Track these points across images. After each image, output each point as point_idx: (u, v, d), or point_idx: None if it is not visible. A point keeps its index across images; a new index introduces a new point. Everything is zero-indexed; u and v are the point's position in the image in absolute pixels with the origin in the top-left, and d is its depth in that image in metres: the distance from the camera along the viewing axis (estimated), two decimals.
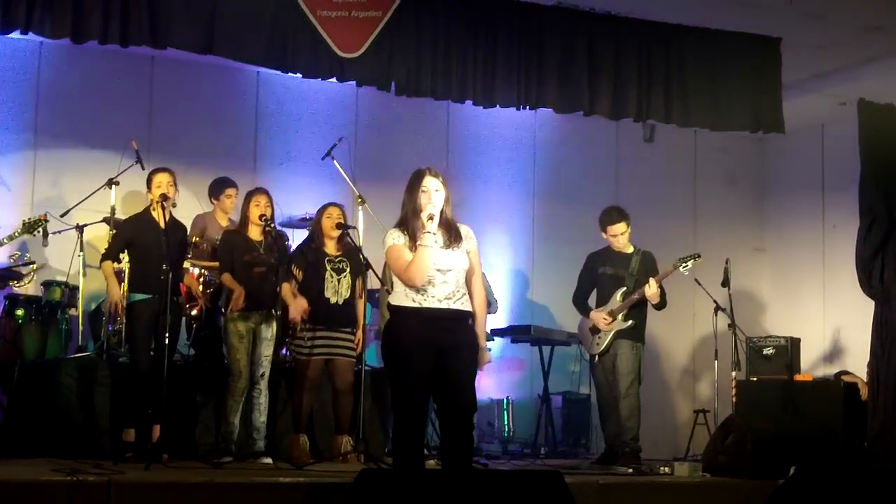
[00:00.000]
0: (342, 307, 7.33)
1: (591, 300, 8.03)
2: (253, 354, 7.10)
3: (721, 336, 8.54)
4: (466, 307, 5.30)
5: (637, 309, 7.80)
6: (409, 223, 5.29)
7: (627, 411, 7.67)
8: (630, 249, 7.97)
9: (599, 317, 7.84)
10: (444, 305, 5.22)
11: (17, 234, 7.65)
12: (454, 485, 4.68)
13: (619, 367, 7.74)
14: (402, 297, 5.24)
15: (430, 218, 5.19)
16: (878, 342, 7.94)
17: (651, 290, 7.68)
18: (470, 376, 5.28)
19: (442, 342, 5.19)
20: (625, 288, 7.83)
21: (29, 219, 7.67)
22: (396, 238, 5.29)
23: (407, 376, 5.18)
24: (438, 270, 5.22)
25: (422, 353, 5.16)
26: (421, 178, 5.31)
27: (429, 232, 5.17)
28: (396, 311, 5.27)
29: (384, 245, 5.34)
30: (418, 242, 5.20)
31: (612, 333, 7.79)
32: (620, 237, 7.89)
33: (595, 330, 7.89)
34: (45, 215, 7.67)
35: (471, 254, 5.37)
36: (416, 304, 5.21)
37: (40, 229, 7.61)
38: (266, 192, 7.26)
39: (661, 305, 7.87)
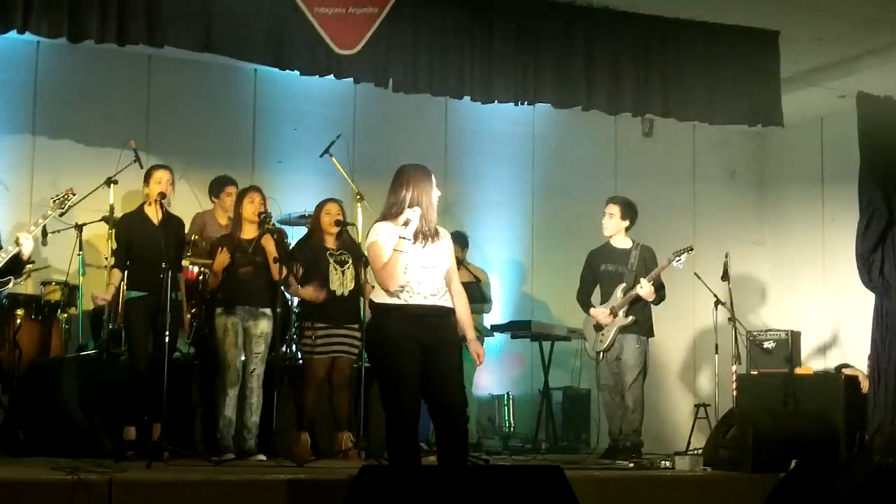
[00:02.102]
0: (348, 299, 7.32)
1: (596, 297, 8.05)
2: (244, 351, 7.10)
3: (721, 330, 8.53)
4: (450, 304, 5.31)
5: (639, 304, 7.83)
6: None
7: (632, 404, 7.72)
8: (628, 244, 7.99)
9: (600, 312, 7.87)
10: (429, 302, 5.21)
11: (49, 214, 7.57)
12: (455, 481, 4.67)
13: (625, 361, 7.78)
14: (385, 294, 5.20)
15: (407, 224, 5.13)
16: (879, 335, 7.95)
17: (644, 290, 7.73)
18: (456, 372, 5.26)
19: (426, 339, 5.17)
20: (625, 284, 7.86)
21: (57, 196, 7.58)
22: (381, 235, 5.20)
23: (395, 374, 5.15)
24: (423, 267, 5.21)
25: (408, 350, 5.13)
26: (432, 179, 5.29)
27: (405, 238, 5.12)
28: (380, 308, 5.22)
29: (367, 237, 5.29)
30: (394, 247, 5.13)
31: (614, 329, 7.81)
32: (607, 221, 7.95)
33: (599, 327, 7.91)
34: (72, 189, 7.59)
35: (449, 252, 5.37)
36: (400, 301, 5.17)
37: (69, 203, 7.53)
38: (259, 190, 7.26)
39: (658, 301, 7.90)
